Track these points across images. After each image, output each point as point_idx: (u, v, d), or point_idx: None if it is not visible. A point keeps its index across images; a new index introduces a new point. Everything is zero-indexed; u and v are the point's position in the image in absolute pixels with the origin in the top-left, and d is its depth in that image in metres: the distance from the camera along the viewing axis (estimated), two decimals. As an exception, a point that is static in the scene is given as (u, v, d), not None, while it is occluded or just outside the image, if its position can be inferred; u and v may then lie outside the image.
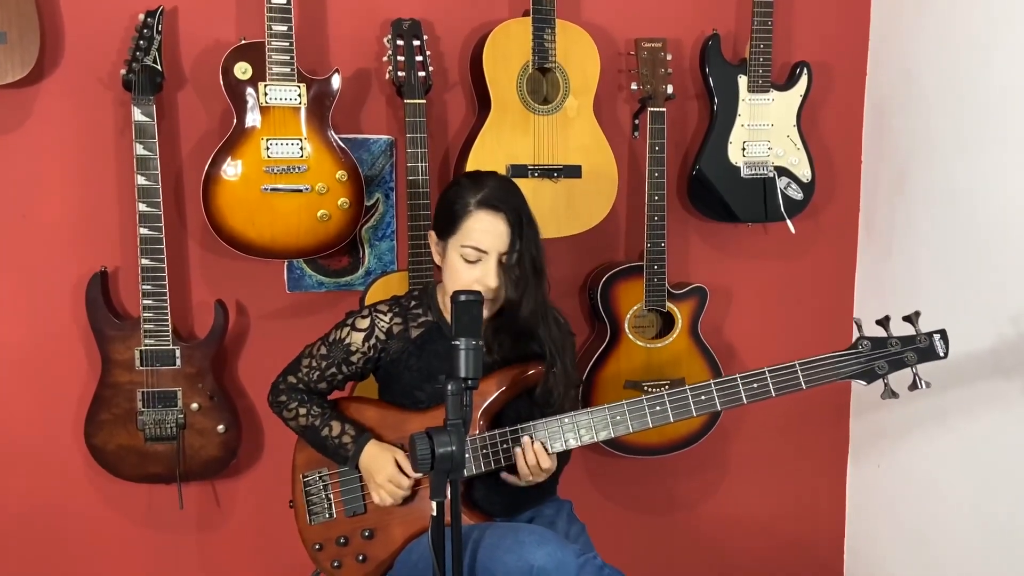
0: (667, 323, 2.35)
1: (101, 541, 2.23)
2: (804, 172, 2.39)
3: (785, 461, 2.66)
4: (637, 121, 2.34)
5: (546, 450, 1.68)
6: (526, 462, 1.66)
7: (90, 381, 2.11)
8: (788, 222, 2.39)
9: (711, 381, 1.67)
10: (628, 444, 2.33)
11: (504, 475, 1.72)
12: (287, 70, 2.00)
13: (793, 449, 2.66)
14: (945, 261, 2.31)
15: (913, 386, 1.67)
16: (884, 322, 1.68)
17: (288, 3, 1.98)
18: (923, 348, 1.67)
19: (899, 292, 2.47)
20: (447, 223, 1.71)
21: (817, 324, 2.61)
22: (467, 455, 1.65)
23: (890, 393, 1.68)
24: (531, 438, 1.68)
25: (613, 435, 1.68)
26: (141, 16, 1.98)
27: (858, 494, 2.68)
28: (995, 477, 2.18)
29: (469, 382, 1.44)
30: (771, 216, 2.39)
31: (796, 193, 2.39)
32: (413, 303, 1.83)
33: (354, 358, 1.79)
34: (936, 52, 2.32)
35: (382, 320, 1.79)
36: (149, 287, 2.03)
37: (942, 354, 1.68)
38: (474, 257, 1.68)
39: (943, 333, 1.69)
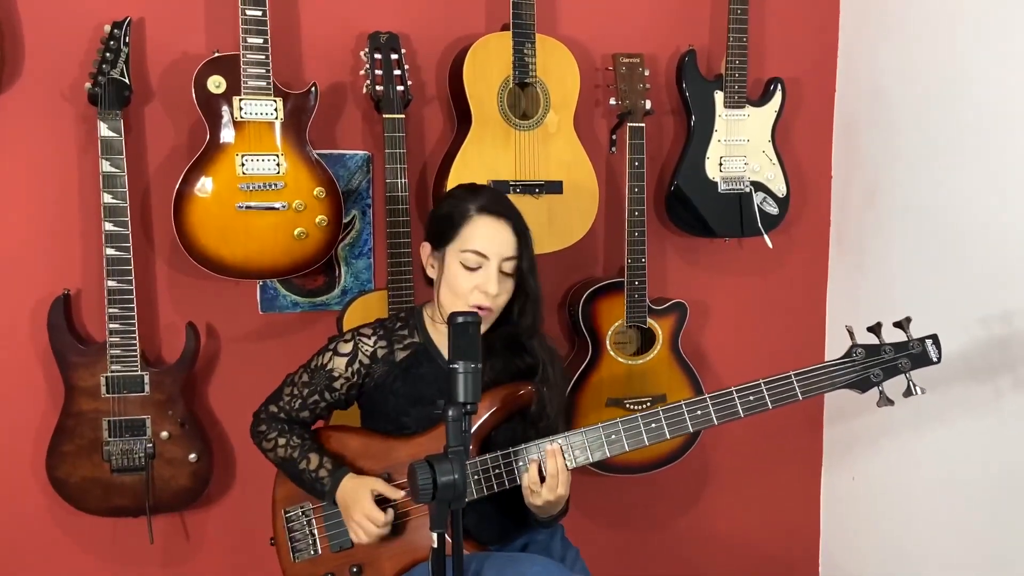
0: (647, 339, 2.34)
1: (63, 579, 2.11)
2: (779, 187, 2.41)
3: (760, 474, 2.67)
4: (615, 136, 2.33)
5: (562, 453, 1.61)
6: (539, 475, 1.59)
7: (50, 410, 2.01)
8: (765, 237, 2.40)
9: (706, 396, 1.65)
10: (610, 462, 2.28)
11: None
12: (263, 84, 1.93)
13: (768, 462, 2.67)
14: (915, 272, 2.34)
15: (908, 392, 1.68)
16: (876, 329, 1.68)
17: (264, 15, 1.91)
18: (916, 354, 1.68)
19: (871, 303, 2.50)
20: (445, 230, 1.66)
21: (791, 337, 2.63)
22: (464, 482, 1.59)
23: (886, 401, 1.68)
24: (552, 446, 1.61)
25: (608, 455, 1.65)
26: (107, 28, 1.90)
27: (833, 505, 2.69)
28: (971, 485, 2.20)
29: (468, 407, 1.39)
30: (747, 231, 2.40)
31: (772, 208, 2.40)
32: (399, 325, 1.77)
33: (337, 384, 1.73)
34: (903, 68, 2.36)
35: (366, 344, 1.73)
36: (116, 310, 1.93)
37: (935, 359, 1.69)
38: (474, 263, 1.63)
39: (935, 338, 1.70)
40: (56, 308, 1.96)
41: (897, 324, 1.69)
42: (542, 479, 1.61)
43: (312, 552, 1.72)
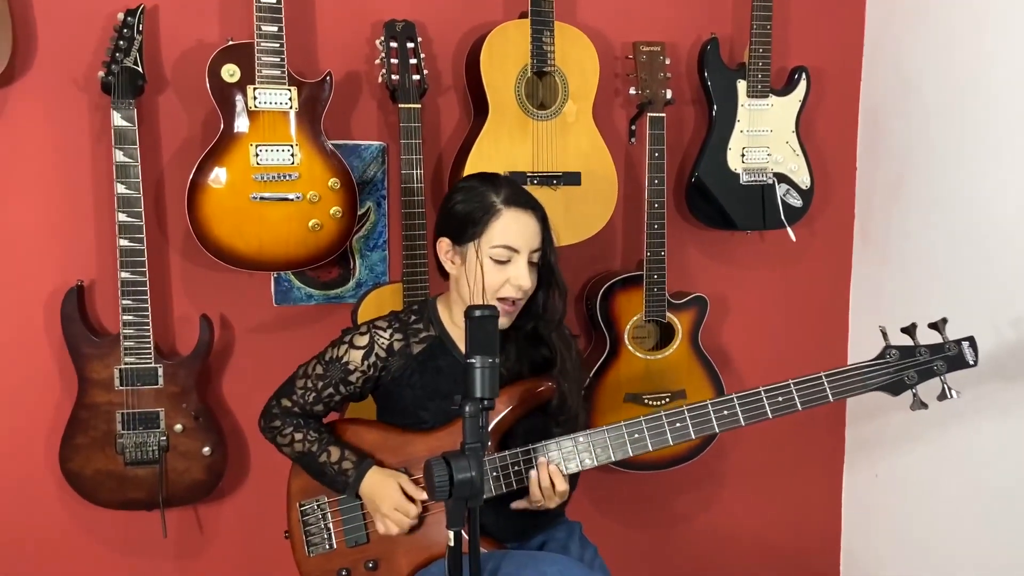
0: (666, 334, 2.29)
1: (77, 571, 2.10)
2: (803, 179, 2.36)
3: (781, 471, 2.62)
4: (634, 127, 2.29)
5: (560, 471, 1.60)
6: (539, 484, 1.59)
7: (64, 402, 1.99)
8: (789, 230, 2.35)
9: (733, 396, 1.61)
10: (629, 459, 2.25)
11: (514, 504, 1.64)
12: (277, 72, 1.90)
13: (788, 459, 2.62)
14: (942, 267, 2.29)
15: (942, 396, 1.63)
16: (910, 330, 1.63)
17: (278, 2, 1.88)
18: (952, 356, 1.64)
19: (895, 299, 2.45)
20: (469, 226, 1.62)
21: (813, 332, 2.58)
22: (482, 479, 1.56)
23: (919, 404, 1.63)
24: (546, 459, 1.60)
25: (631, 454, 1.62)
26: (121, 15, 1.87)
27: (855, 504, 2.65)
28: (998, 486, 2.15)
29: (486, 402, 1.36)
30: (770, 224, 2.35)
31: (795, 200, 2.35)
32: (413, 318, 1.74)
33: (352, 377, 1.70)
34: (932, 56, 2.30)
35: (382, 336, 1.70)
36: (129, 302, 1.91)
37: (971, 362, 1.64)
38: (505, 257, 1.61)
39: (971, 340, 1.65)
40: (69, 299, 1.94)
41: (932, 325, 1.64)
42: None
43: (327, 546, 1.70)
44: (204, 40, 2.01)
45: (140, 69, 1.87)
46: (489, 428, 1.63)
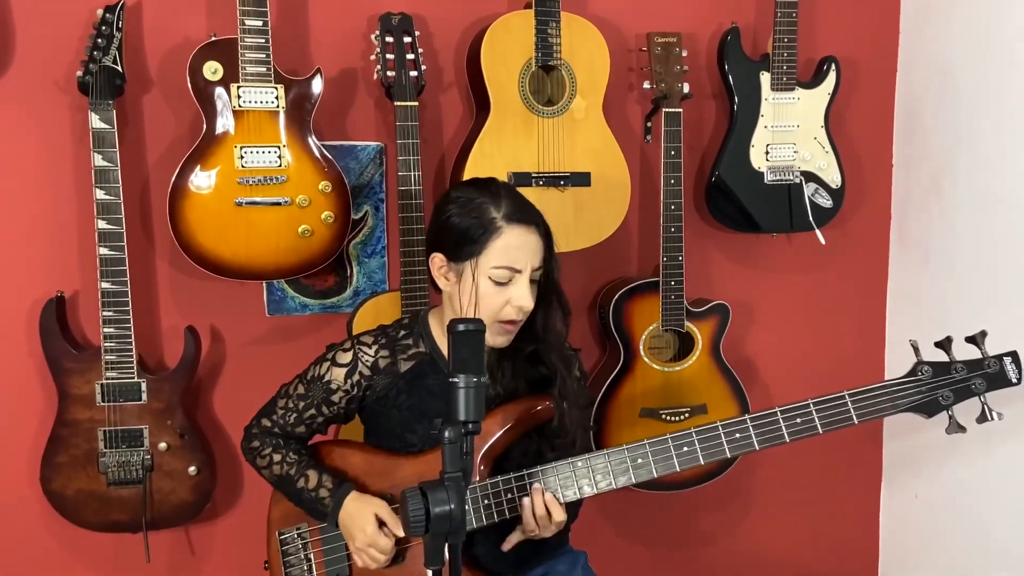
0: (685, 344, 2.15)
1: (62, 596, 2.02)
2: (833, 177, 2.20)
3: (813, 490, 2.47)
4: (650, 123, 2.16)
5: (558, 500, 1.46)
6: (534, 513, 1.45)
7: (46, 419, 1.90)
8: (818, 232, 2.19)
9: (746, 416, 1.46)
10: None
11: (506, 543, 1.52)
12: (263, 70, 1.80)
13: (821, 477, 2.47)
14: (986, 271, 2.13)
15: (982, 418, 1.46)
16: (945, 344, 1.47)
17: (263, -5, 1.78)
18: (992, 374, 1.47)
19: (935, 306, 2.30)
20: (466, 243, 1.49)
21: (846, 343, 2.43)
22: (467, 509, 1.43)
23: (956, 427, 1.47)
24: (541, 485, 1.47)
25: (634, 480, 1.48)
26: (99, 12, 1.78)
27: (893, 526, 2.49)
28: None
29: (470, 426, 1.23)
30: (797, 226, 2.20)
31: (825, 200, 2.19)
32: (402, 333, 1.62)
33: (335, 397, 1.58)
34: (974, 44, 2.15)
35: (366, 353, 1.58)
36: (110, 313, 1.82)
37: (1015, 380, 1.47)
38: (506, 278, 1.48)
39: (1015, 355, 1.48)
40: (48, 311, 1.85)
41: (970, 339, 1.47)
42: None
43: (307, 578, 1.59)
44: (191, 37, 1.91)
45: (119, 68, 1.78)
46: (483, 451, 1.51)
